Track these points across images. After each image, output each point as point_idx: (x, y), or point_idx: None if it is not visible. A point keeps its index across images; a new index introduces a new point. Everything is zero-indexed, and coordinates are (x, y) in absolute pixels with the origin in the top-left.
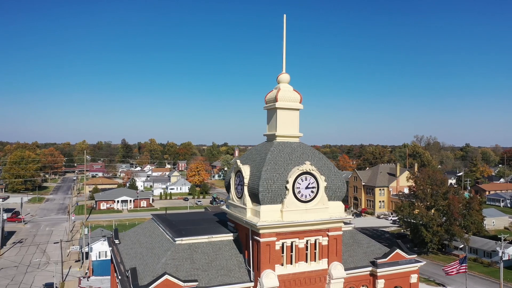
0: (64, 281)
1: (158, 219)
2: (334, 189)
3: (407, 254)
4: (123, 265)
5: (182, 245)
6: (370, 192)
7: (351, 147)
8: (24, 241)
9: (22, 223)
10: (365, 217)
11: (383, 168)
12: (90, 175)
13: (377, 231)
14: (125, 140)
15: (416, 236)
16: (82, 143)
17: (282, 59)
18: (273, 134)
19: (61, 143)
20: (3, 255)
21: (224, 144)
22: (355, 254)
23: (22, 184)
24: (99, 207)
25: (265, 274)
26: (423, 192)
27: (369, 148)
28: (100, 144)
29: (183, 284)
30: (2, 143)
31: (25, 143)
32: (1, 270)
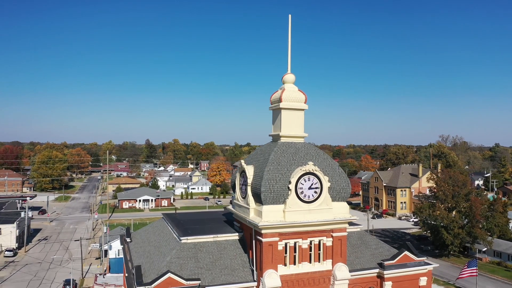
0: (84, 278)
1: (168, 218)
2: (338, 190)
3: (417, 256)
4: (131, 262)
5: (188, 244)
6: (392, 193)
7: (374, 147)
8: (48, 238)
9: (47, 221)
10: (386, 218)
11: (405, 169)
12: (115, 175)
13: (397, 232)
14: (149, 141)
15: (437, 238)
16: (108, 143)
17: (288, 59)
18: (278, 134)
19: (89, 144)
20: (28, 251)
21: (247, 144)
22: (362, 256)
23: (50, 183)
24: (122, 206)
25: (267, 274)
26: (444, 193)
27: (392, 148)
28: (125, 145)
29: (186, 282)
30: (33, 143)
31: (53, 144)
32: (26, 266)
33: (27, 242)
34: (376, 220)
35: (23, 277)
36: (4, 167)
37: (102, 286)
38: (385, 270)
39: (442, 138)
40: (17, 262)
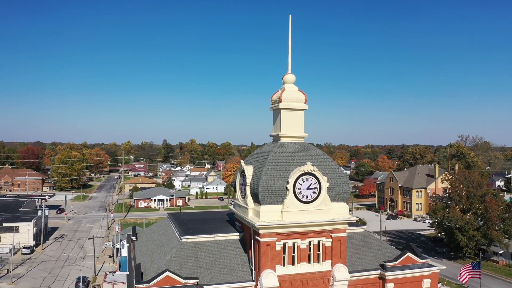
0: (96, 276)
1: (172, 218)
2: (338, 190)
3: (420, 258)
4: (134, 261)
5: (188, 243)
6: (407, 193)
7: (392, 147)
8: (65, 237)
9: (65, 219)
10: (401, 220)
11: (421, 169)
12: (133, 175)
13: (412, 234)
14: (166, 141)
15: (451, 240)
16: (126, 143)
17: (288, 60)
18: (277, 134)
19: (108, 144)
20: (45, 249)
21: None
22: (364, 257)
23: (68, 183)
24: (137, 205)
25: (265, 273)
26: (458, 195)
27: (410, 149)
28: (144, 145)
29: (184, 281)
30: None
31: (73, 144)
32: (42, 263)
33: (45, 240)
34: (391, 221)
35: (39, 274)
36: (25, 166)
37: (111, 284)
38: (387, 272)
39: (461, 138)
40: (33, 259)
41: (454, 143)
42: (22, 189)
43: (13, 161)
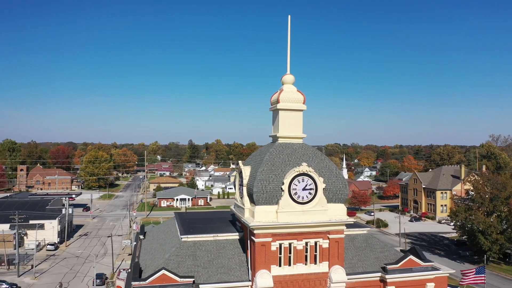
0: (114, 273)
1: (177, 217)
2: (335, 191)
3: (423, 261)
4: (138, 259)
5: (187, 243)
6: (431, 195)
7: (420, 147)
8: (88, 234)
9: (90, 218)
10: (424, 222)
11: (447, 170)
12: (158, 174)
13: (435, 236)
14: (192, 141)
15: (474, 244)
16: (154, 144)
17: (287, 60)
18: (275, 135)
19: (137, 144)
20: (69, 246)
21: None
22: (366, 259)
23: (96, 182)
24: (160, 204)
25: (259, 274)
26: (481, 197)
27: (438, 149)
28: (171, 145)
29: (179, 279)
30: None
31: (101, 144)
32: (64, 259)
33: (69, 237)
34: (414, 223)
35: (61, 269)
36: (56, 166)
37: (123, 280)
38: (388, 274)
39: (492, 138)
40: (57, 256)
41: (485, 143)
42: (52, 187)
43: (45, 161)
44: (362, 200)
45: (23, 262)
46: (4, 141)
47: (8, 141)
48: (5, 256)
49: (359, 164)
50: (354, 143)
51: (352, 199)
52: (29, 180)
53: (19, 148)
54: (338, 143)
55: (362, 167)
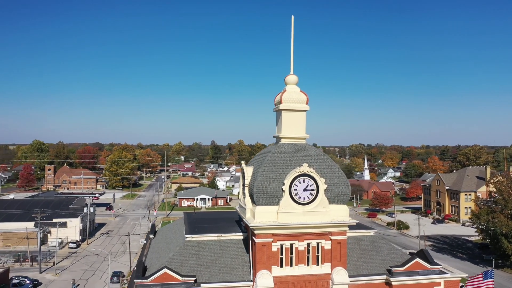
0: (131, 270)
1: (186, 217)
2: (337, 192)
3: (431, 264)
4: (145, 257)
5: (191, 242)
6: (455, 197)
7: (446, 148)
8: (110, 233)
9: (112, 216)
10: (447, 224)
11: (471, 171)
12: (181, 174)
13: (458, 239)
14: (214, 142)
15: (497, 247)
16: (177, 144)
17: (290, 60)
18: (278, 135)
19: (162, 145)
20: (90, 244)
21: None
22: (371, 261)
23: (120, 182)
24: (181, 204)
25: (260, 274)
26: (504, 199)
27: (464, 150)
28: (194, 146)
29: (181, 278)
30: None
31: (126, 144)
32: (85, 257)
33: (91, 235)
34: (436, 225)
35: (81, 267)
36: (82, 166)
37: None
38: (393, 277)
39: None
40: (78, 253)
41: None
42: (78, 187)
43: (72, 161)
44: (383, 201)
45: (46, 259)
46: (33, 142)
47: (37, 142)
48: (28, 253)
49: (383, 164)
50: (378, 144)
51: (373, 200)
52: (56, 180)
53: (47, 148)
54: (363, 144)
55: (385, 167)
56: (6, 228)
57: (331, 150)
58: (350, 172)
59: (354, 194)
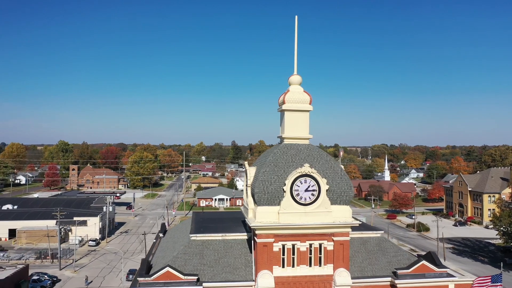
0: None
1: (194, 216)
2: (339, 193)
3: (438, 267)
4: (152, 256)
5: (196, 241)
6: (478, 198)
7: (472, 148)
8: (129, 231)
9: (132, 216)
10: (470, 226)
11: (495, 172)
12: (202, 174)
13: (480, 242)
14: (235, 142)
15: None
16: (199, 145)
17: (294, 60)
18: (281, 136)
19: (184, 145)
20: (109, 242)
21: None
22: (377, 263)
23: (141, 181)
24: (199, 204)
25: (261, 274)
26: None
27: (490, 150)
28: (215, 146)
29: (183, 277)
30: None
31: (148, 145)
32: (103, 255)
33: (111, 234)
34: (458, 227)
35: (99, 264)
36: (105, 166)
37: None
38: (398, 280)
39: None
40: (97, 251)
41: None
42: (101, 186)
43: (95, 161)
44: (403, 202)
45: (66, 256)
46: (58, 143)
47: (62, 142)
48: (49, 250)
49: (405, 165)
50: (402, 144)
51: (392, 201)
52: (80, 179)
53: (71, 149)
54: (386, 144)
55: (408, 168)
56: (29, 226)
57: (353, 151)
58: (371, 172)
59: (373, 195)
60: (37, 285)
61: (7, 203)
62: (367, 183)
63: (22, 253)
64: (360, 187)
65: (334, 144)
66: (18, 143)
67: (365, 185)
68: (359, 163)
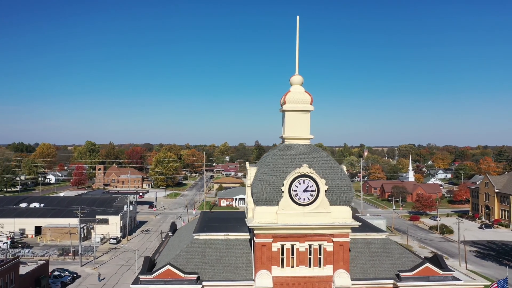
0: None
1: (201, 216)
2: (339, 194)
3: (443, 270)
4: (159, 254)
5: (199, 240)
6: (505, 200)
7: (503, 148)
8: (149, 230)
9: (153, 215)
10: (496, 230)
11: None
12: (225, 174)
13: (506, 246)
14: (258, 142)
15: None
16: (223, 145)
17: (295, 61)
18: (282, 136)
19: (209, 145)
20: (130, 240)
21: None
22: (380, 264)
23: (164, 181)
24: (220, 204)
25: (259, 274)
26: None
27: None
28: (239, 146)
29: (183, 275)
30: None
31: (173, 145)
32: (123, 253)
33: (132, 232)
34: (484, 230)
35: (118, 262)
36: (130, 166)
37: None
38: (401, 282)
39: None
40: (117, 249)
41: None
42: (126, 186)
43: (121, 161)
44: (426, 204)
45: (87, 253)
46: (86, 143)
47: (89, 142)
48: (71, 247)
49: (433, 166)
50: (430, 144)
51: (416, 202)
52: (106, 179)
53: (98, 149)
54: (413, 144)
55: (435, 169)
56: (54, 224)
57: (378, 151)
58: (396, 173)
59: (395, 196)
60: (57, 281)
61: (34, 201)
62: (390, 184)
63: (46, 249)
64: (383, 187)
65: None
66: (48, 144)
67: (388, 186)
68: (382, 164)
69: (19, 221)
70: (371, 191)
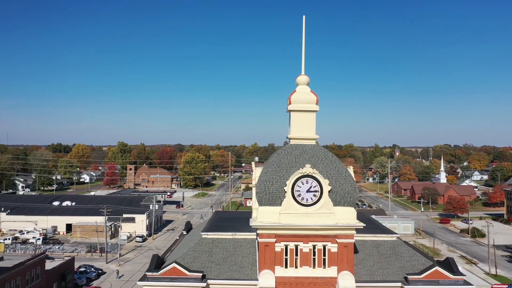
0: None
1: (214, 215)
2: (343, 194)
3: (454, 274)
4: (170, 252)
5: (207, 239)
6: None
7: None
8: (175, 229)
9: (180, 214)
10: None
11: None
12: None
13: None
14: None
15: None
16: (253, 146)
17: (302, 61)
18: (288, 136)
19: (239, 146)
20: (156, 239)
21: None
22: (388, 267)
23: (192, 181)
24: (246, 204)
25: (262, 273)
26: None
27: None
28: (269, 146)
29: (189, 273)
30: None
31: (202, 145)
32: (148, 251)
33: (158, 231)
34: None
35: (142, 259)
36: (161, 166)
37: None
38: (408, 285)
39: None
40: (143, 247)
41: None
42: (155, 185)
43: (151, 161)
44: (458, 206)
45: (114, 251)
46: (118, 144)
47: (121, 143)
48: (98, 244)
49: (469, 167)
50: (466, 144)
51: (447, 205)
52: (136, 178)
53: (129, 149)
54: (449, 144)
55: (471, 170)
56: (83, 221)
57: (411, 152)
58: (428, 174)
59: (425, 198)
60: (83, 277)
61: (66, 200)
62: (421, 185)
63: (75, 246)
64: (413, 189)
65: (392, 144)
66: (83, 144)
67: (418, 187)
68: (414, 165)
69: (51, 218)
70: (401, 192)
